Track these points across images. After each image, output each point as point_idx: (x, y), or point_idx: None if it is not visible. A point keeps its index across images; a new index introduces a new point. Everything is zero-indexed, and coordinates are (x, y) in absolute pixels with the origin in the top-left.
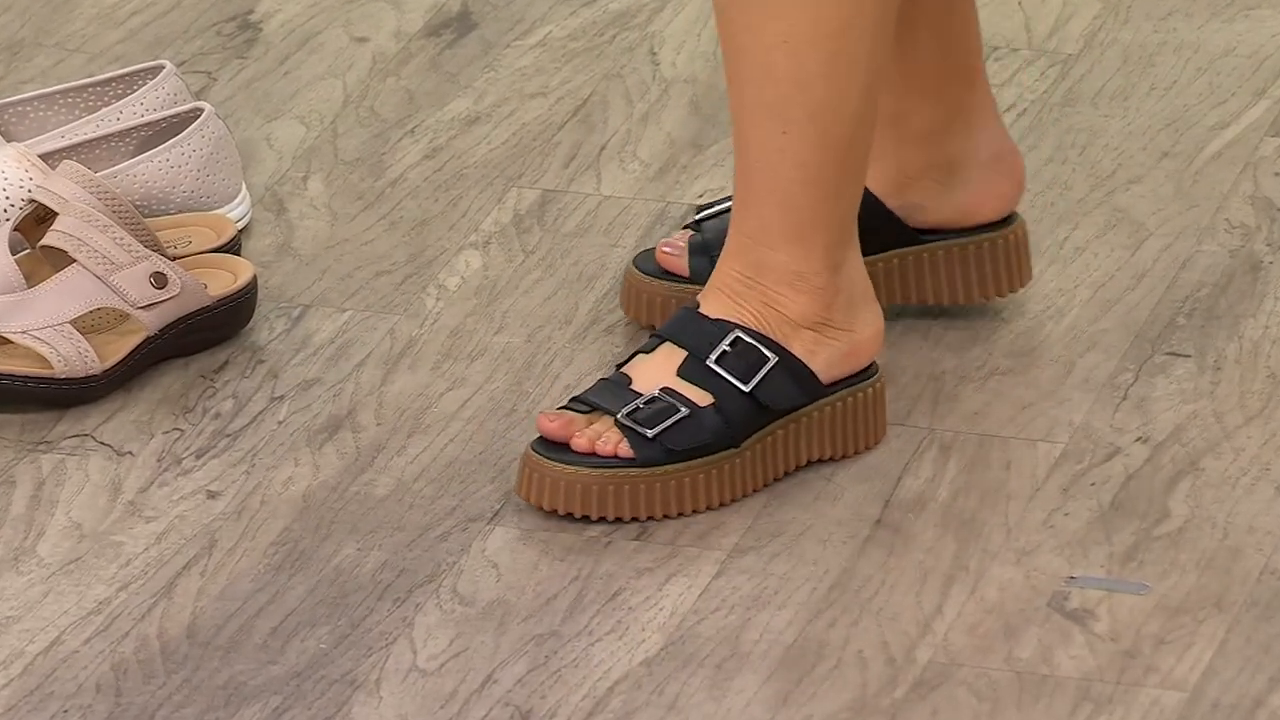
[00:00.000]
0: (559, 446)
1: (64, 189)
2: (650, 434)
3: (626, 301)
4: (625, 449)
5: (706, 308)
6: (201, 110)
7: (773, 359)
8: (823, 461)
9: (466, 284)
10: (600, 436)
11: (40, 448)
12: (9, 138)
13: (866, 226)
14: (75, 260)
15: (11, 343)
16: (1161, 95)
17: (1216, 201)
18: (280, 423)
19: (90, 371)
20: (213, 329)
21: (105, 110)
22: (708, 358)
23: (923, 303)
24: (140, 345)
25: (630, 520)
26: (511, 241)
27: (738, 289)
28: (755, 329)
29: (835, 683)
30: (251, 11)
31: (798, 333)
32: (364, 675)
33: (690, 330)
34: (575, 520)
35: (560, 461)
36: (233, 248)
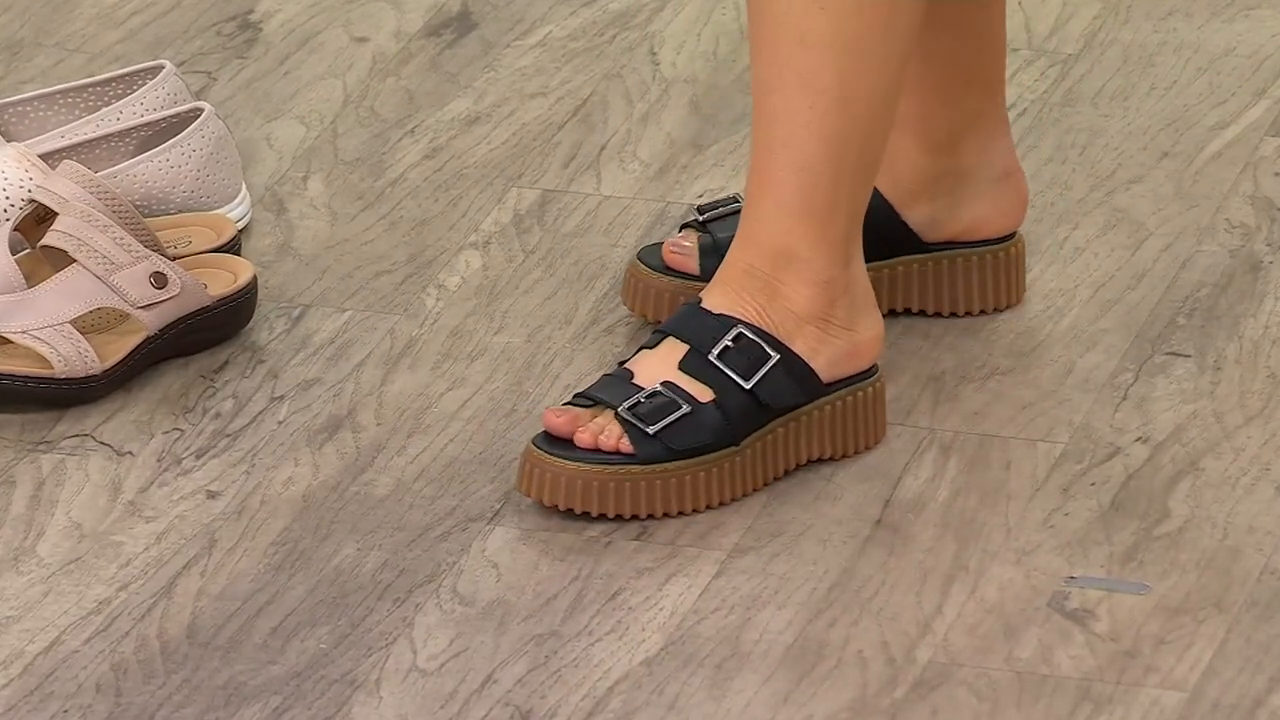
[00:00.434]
0: (562, 442)
1: (64, 189)
2: (651, 430)
3: (630, 296)
4: (626, 444)
5: (710, 302)
6: (201, 110)
7: (774, 357)
8: (822, 461)
9: (466, 284)
10: (603, 430)
11: (40, 448)
12: (9, 138)
13: (876, 231)
14: (75, 260)
15: (11, 343)
16: (1161, 95)
17: (1216, 201)
18: (280, 423)
19: (90, 371)
20: (213, 329)
21: (105, 110)
22: (710, 352)
23: (922, 311)
24: (140, 345)
25: (630, 519)
26: (511, 241)
27: (744, 282)
28: (759, 325)
29: (835, 683)
30: (251, 11)
31: (801, 329)
32: (364, 675)
33: (693, 325)
34: (575, 520)
35: (562, 457)
36: (233, 248)
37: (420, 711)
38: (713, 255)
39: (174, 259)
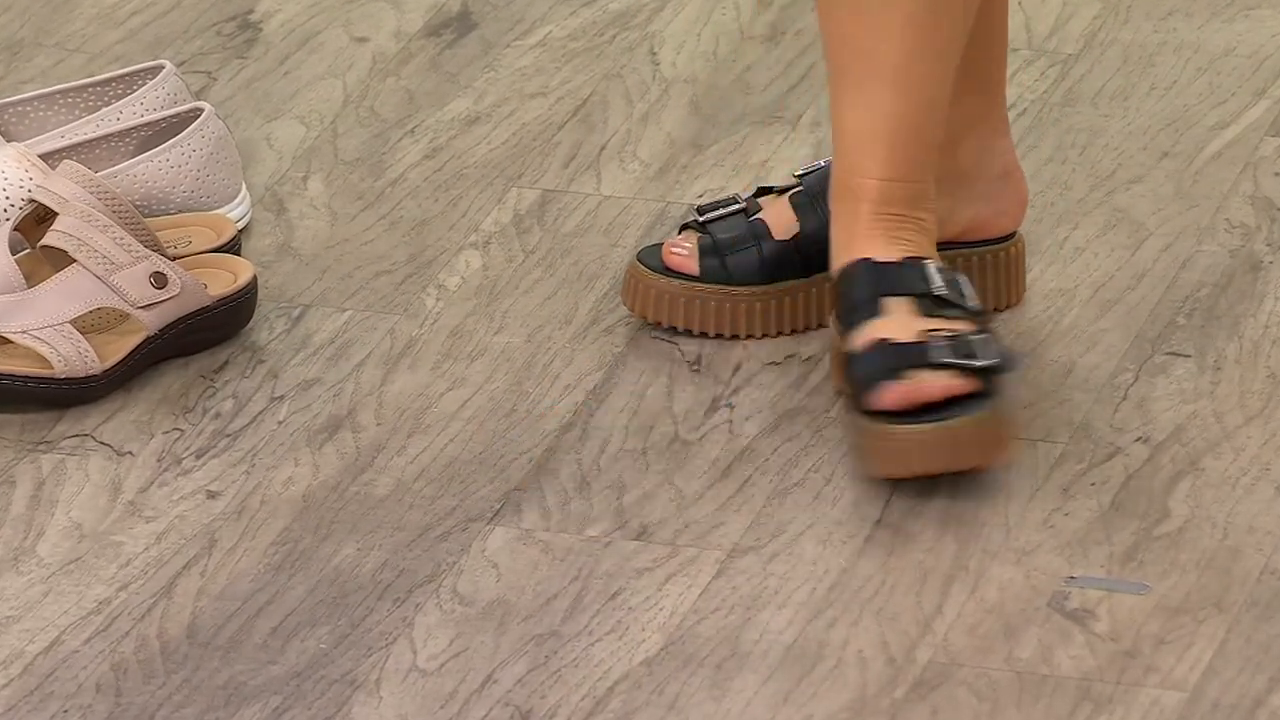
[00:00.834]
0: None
1: (64, 189)
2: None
3: (629, 296)
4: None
5: (875, 254)
6: (201, 110)
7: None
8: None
9: (466, 284)
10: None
11: (40, 448)
12: (9, 138)
13: None
14: (75, 260)
15: (11, 343)
16: (1161, 95)
17: (1216, 201)
18: (280, 423)
19: (90, 371)
20: (213, 329)
21: (105, 110)
22: (931, 293)
23: None
24: (140, 345)
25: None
26: (511, 241)
27: (892, 227)
28: (926, 256)
29: (835, 683)
30: (251, 11)
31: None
32: (364, 675)
33: (898, 277)
34: (575, 520)
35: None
36: (233, 248)
37: (420, 711)
38: (712, 255)
39: (174, 259)
